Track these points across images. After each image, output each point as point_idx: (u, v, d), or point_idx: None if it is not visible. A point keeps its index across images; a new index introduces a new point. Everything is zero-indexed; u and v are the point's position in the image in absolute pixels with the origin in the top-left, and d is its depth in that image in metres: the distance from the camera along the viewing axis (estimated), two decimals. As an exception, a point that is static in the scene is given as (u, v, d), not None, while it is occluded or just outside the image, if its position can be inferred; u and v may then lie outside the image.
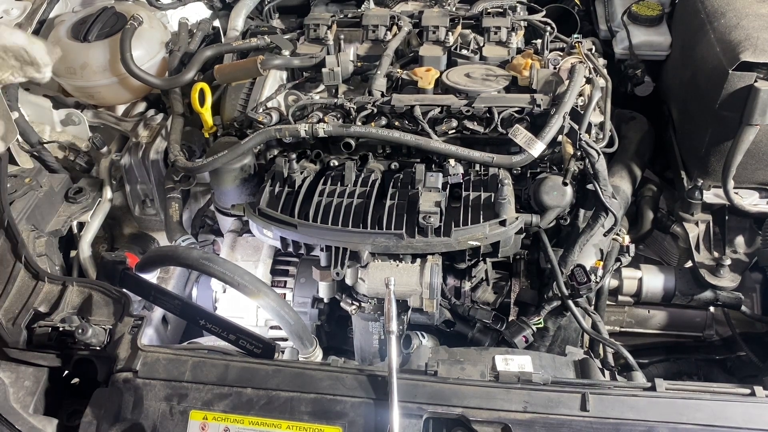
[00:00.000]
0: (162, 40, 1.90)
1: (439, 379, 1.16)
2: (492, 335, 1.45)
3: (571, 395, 1.10)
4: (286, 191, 1.44)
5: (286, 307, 1.35)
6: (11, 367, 1.28)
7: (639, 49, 1.89)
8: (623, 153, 1.74)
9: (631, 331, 1.74)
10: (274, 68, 1.75)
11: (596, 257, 1.50)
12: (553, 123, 1.41)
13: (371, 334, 1.45)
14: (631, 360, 1.34)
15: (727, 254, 1.61)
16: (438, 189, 1.38)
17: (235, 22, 2.13)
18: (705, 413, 1.07)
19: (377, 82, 1.62)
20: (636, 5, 1.94)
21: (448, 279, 1.50)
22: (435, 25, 1.78)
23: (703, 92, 1.52)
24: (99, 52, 1.77)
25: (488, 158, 1.43)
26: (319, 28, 1.85)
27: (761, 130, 1.45)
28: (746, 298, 1.64)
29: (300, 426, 1.12)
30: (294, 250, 1.41)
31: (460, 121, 1.50)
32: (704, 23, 1.60)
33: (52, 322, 1.30)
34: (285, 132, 1.49)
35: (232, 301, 1.63)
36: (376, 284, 1.35)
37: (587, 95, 1.53)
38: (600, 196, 1.40)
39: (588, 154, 1.38)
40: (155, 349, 1.24)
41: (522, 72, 1.61)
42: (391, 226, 1.33)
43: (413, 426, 1.10)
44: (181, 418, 1.15)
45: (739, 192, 1.59)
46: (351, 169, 1.46)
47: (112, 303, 1.33)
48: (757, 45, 1.41)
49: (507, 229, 1.33)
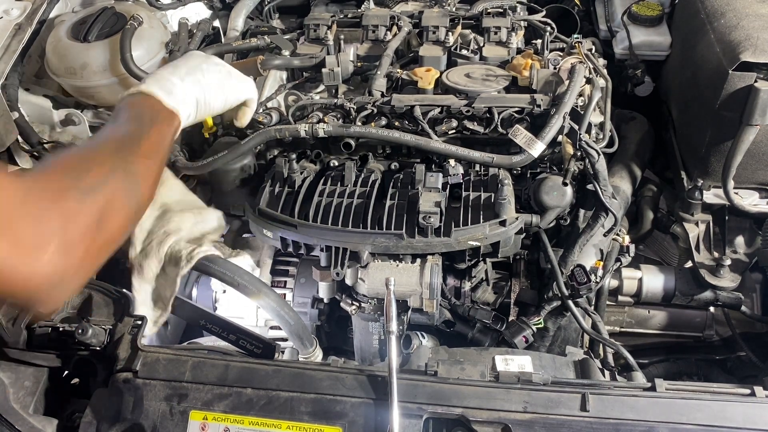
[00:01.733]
0: (162, 40, 1.89)
1: (439, 379, 1.16)
2: (492, 335, 1.46)
3: (571, 395, 1.10)
4: (286, 191, 1.45)
5: (286, 307, 1.35)
6: (11, 367, 1.28)
7: (639, 49, 1.89)
8: (623, 153, 1.74)
9: (631, 331, 1.74)
10: (274, 68, 1.75)
11: (596, 257, 1.50)
12: (553, 123, 1.41)
13: (371, 335, 1.45)
14: (631, 360, 1.34)
15: (727, 254, 1.61)
16: (438, 189, 1.38)
17: (235, 22, 2.13)
18: (705, 413, 1.07)
19: (377, 82, 1.62)
20: (636, 5, 1.94)
21: (448, 279, 1.50)
22: (435, 25, 1.78)
23: (703, 92, 1.52)
24: (99, 52, 1.77)
25: (488, 158, 1.43)
26: (319, 28, 1.85)
27: (761, 130, 1.45)
28: (746, 298, 1.64)
29: (300, 426, 1.12)
30: (294, 251, 1.42)
31: (460, 122, 1.50)
32: (704, 23, 1.60)
33: (52, 322, 1.29)
34: (285, 132, 1.49)
35: (232, 301, 1.63)
36: (376, 284, 1.35)
37: (587, 95, 1.53)
38: (600, 196, 1.40)
39: (588, 155, 1.38)
40: (155, 350, 1.24)
41: (522, 72, 1.61)
42: (391, 226, 1.33)
43: (413, 426, 1.10)
44: (181, 418, 1.15)
45: (739, 192, 1.58)
46: (351, 169, 1.46)
47: (112, 303, 1.33)
48: (757, 45, 1.41)
49: (507, 229, 1.33)
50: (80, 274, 0.88)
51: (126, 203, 0.96)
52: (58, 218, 0.83)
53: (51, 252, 0.80)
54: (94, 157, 0.98)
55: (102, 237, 0.90)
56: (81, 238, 0.85)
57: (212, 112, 1.25)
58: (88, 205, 0.88)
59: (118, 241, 0.95)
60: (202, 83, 1.19)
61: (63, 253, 0.82)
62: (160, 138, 1.09)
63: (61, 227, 0.82)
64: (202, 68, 1.24)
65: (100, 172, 0.93)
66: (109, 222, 0.91)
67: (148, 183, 1.03)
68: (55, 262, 0.80)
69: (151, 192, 1.04)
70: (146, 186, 1.02)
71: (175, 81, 1.15)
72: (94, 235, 0.88)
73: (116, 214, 0.93)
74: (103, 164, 0.95)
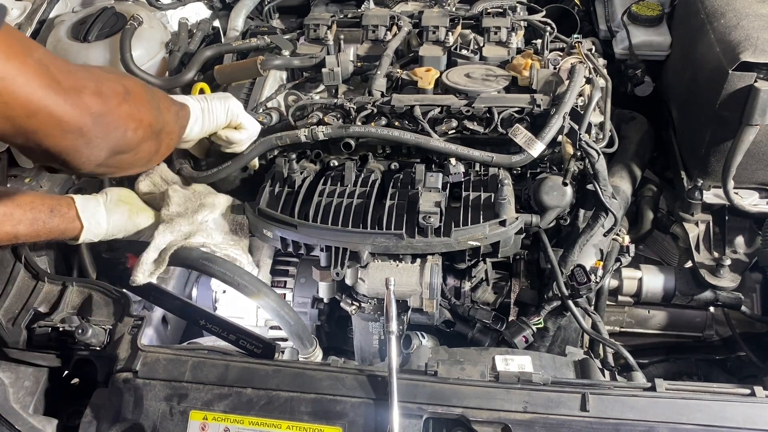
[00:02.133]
0: (162, 40, 1.90)
1: (439, 379, 1.16)
2: (492, 335, 1.46)
3: (571, 395, 1.11)
4: (286, 191, 1.45)
5: (286, 307, 1.35)
6: (11, 367, 1.29)
7: (639, 49, 1.89)
8: (623, 153, 1.74)
9: (631, 331, 1.74)
10: (274, 68, 1.75)
11: (596, 257, 1.50)
12: (553, 123, 1.41)
13: (371, 335, 1.45)
14: (631, 360, 1.34)
15: (727, 254, 1.61)
16: (438, 189, 1.38)
17: (235, 22, 2.13)
18: (705, 413, 1.07)
19: (377, 82, 1.62)
20: (636, 5, 1.94)
21: (448, 279, 1.50)
22: (435, 25, 1.78)
23: (703, 92, 1.52)
24: (99, 52, 1.77)
25: (488, 158, 1.43)
26: (319, 28, 1.85)
27: (761, 130, 1.45)
28: (746, 298, 1.64)
29: (300, 426, 1.12)
30: (294, 250, 1.42)
31: (460, 121, 1.50)
32: (704, 23, 1.60)
33: (52, 322, 1.30)
34: (286, 139, 1.49)
35: (232, 301, 1.63)
36: (376, 284, 1.35)
37: (587, 95, 1.53)
38: (600, 196, 1.40)
39: (588, 154, 1.38)
40: (155, 349, 1.24)
41: (522, 72, 1.61)
42: (391, 226, 1.33)
43: (413, 426, 1.10)
44: (181, 418, 1.15)
45: (739, 192, 1.58)
46: (351, 169, 1.46)
47: (112, 303, 1.33)
48: (757, 45, 1.41)
49: (507, 229, 1.33)
50: (117, 124, 0.97)
51: (147, 100, 1.06)
52: (91, 77, 0.94)
53: (88, 94, 0.91)
54: (124, 75, 1.13)
55: (131, 108, 1.00)
56: (112, 94, 0.96)
57: (217, 122, 1.36)
58: (113, 78, 0.99)
59: (145, 126, 1.04)
60: (206, 98, 1.35)
61: (98, 96, 0.92)
62: (175, 109, 1.21)
63: (94, 80, 0.94)
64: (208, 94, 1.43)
65: (128, 79, 1.06)
66: (136, 102, 1.01)
67: (167, 118, 1.14)
68: (92, 103, 0.91)
69: (169, 124, 1.16)
70: (166, 112, 1.14)
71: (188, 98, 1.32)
72: (122, 100, 0.98)
73: (140, 100, 1.03)
74: (130, 79, 1.08)
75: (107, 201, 1.37)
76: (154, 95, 1.10)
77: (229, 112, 1.36)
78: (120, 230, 1.38)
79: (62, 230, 1.28)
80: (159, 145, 1.12)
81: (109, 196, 1.39)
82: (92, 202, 1.34)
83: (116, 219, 1.36)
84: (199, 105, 1.31)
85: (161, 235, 1.36)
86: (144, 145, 1.06)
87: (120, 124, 0.98)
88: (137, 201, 1.44)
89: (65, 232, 1.29)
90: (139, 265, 1.31)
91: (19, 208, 1.18)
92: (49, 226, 1.25)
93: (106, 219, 1.34)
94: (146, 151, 1.08)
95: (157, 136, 1.10)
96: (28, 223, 1.21)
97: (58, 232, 1.28)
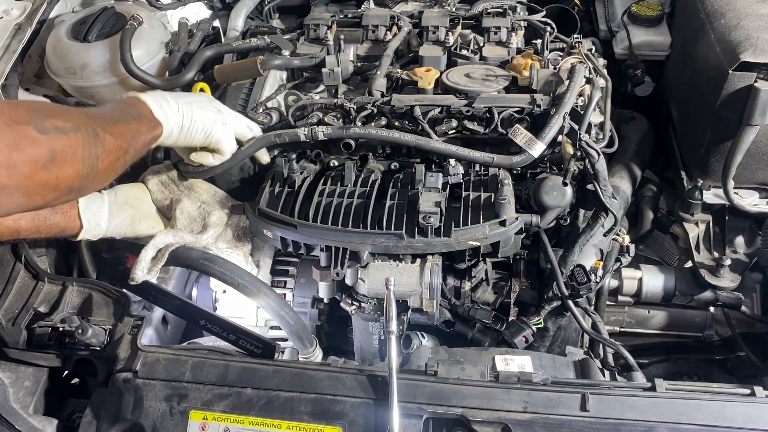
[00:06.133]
0: (162, 40, 1.89)
1: (439, 380, 1.16)
2: (492, 335, 1.46)
3: (571, 395, 1.11)
4: (286, 191, 1.45)
5: (286, 307, 1.36)
6: (11, 367, 1.29)
7: (639, 49, 1.89)
8: (623, 153, 1.74)
9: (631, 331, 1.74)
10: (274, 68, 1.75)
11: (596, 257, 1.50)
12: (553, 123, 1.41)
13: (371, 335, 1.45)
14: (631, 360, 1.34)
15: (727, 254, 1.61)
16: (438, 189, 1.38)
17: (235, 22, 2.12)
18: (705, 413, 1.07)
19: (377, 82, 1.62)
20: (636, 5, 1.94)
21: (448, 279, 1.50)
22: (435, 25, 1.78)
23: (703, 92, 1.52)
24: (99, 52, 1.77)
25: (488, 158, 1.43)
26: (319, 28, 1.85)
27: (761, 130, 1.45)
28: (746, 298, 1.64)
29: (300, 426, 1.12)
30: (294, 251, 1.42)
31: (460, 122, 1.50)
32: (704, 23, 1.60)
33: (52, 322, 1.30)
34: (285, 137, 1.49)
35: (232, 301, 1.63)
36: (376, 284, 1.35)
37: (587, 95, 1.53)
38: (600, 196, 1.40)
39: (588, 155, 1.38)
40: (155, 349, 1.24)
41: (522, 72, 1.61)
42: (391, 226, 1.33)
43: (413, 426, 1.10)
44: (181, 418, 1.15)
45: (739, 192, 1.58)
46: (351, 170, 1.46)
47: (112, 303, 1.33)
48: (757, 45, 1.41)
49: (507, 229, 1.33)
50: (19, 195, 0.89)
51: (82, 159, 0.97)
52: (10, 138, 0.85)
53: None
54: (67, 111, 1.01)
55: (48, 175, 0.91)
56: (26, 164, 0.87)
57: (193, 141, 1.33)
58: (42, 141, 0.90)
59: (63, 190, 0.96)
60: (192, 114, 1.29)
61: (4, 169, 0.84)
62: (136, 133, 1.14)
63: (10, 146, 0.85)
64: (200, 103, 1.35)
65: (67, 122, 0.95)
66: (60, 166, 0.93)
67: (109, 159, 1.05)
68: None
69: (107, 169, 1.06)
70: (106, 159, 1.04)
71: (169, 100, 1.26)
72: (40, 169, 0.90)
73: (69, 162, 0.94)
74: (72, 119, 0.98)
75: (113, 202, 1.37)
76: (96, 144, 1.00)
77: (209, 138, 1.35)
78: (119, 234, 1.39)
79: (62, 227, 1.30)
80: (95, 178, 1.04)
81: (117, 196, 1.39)
82: (96, 202, 1.34)
83: (117, 223, 1.37)
84: (179, 122, 1.27)
85: (162, 236, 1.37)
86: (64, 198, 1.00)
87: (26, 192, 0.91)
88: (144, 205, 1.44)
89: (65, 229, 1.30)
90: (138, 263, 1.32)
91: None
92: (50, 223, 1.26)
93: (106, 221, 1.34)
94: (73, 196, 1.03)
95: (90, 179, 1.02)
96: (29, 218, 1.22)
97: (58, 228, 1.29)
